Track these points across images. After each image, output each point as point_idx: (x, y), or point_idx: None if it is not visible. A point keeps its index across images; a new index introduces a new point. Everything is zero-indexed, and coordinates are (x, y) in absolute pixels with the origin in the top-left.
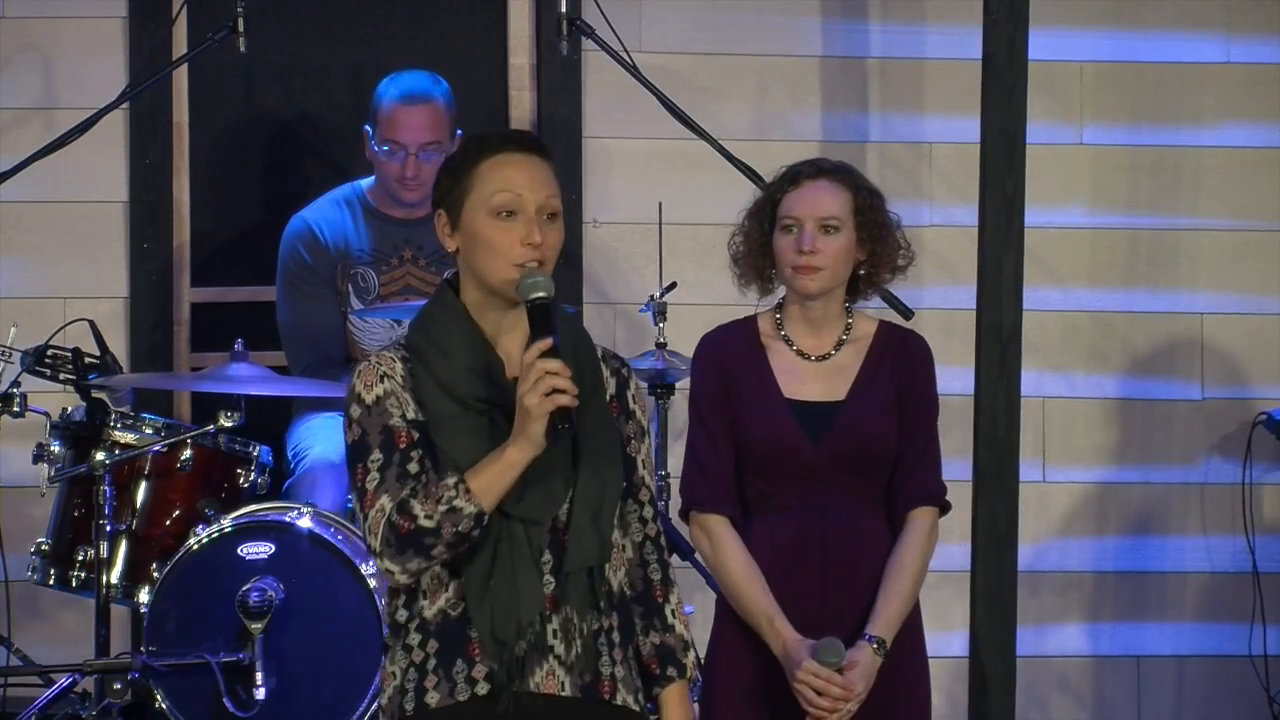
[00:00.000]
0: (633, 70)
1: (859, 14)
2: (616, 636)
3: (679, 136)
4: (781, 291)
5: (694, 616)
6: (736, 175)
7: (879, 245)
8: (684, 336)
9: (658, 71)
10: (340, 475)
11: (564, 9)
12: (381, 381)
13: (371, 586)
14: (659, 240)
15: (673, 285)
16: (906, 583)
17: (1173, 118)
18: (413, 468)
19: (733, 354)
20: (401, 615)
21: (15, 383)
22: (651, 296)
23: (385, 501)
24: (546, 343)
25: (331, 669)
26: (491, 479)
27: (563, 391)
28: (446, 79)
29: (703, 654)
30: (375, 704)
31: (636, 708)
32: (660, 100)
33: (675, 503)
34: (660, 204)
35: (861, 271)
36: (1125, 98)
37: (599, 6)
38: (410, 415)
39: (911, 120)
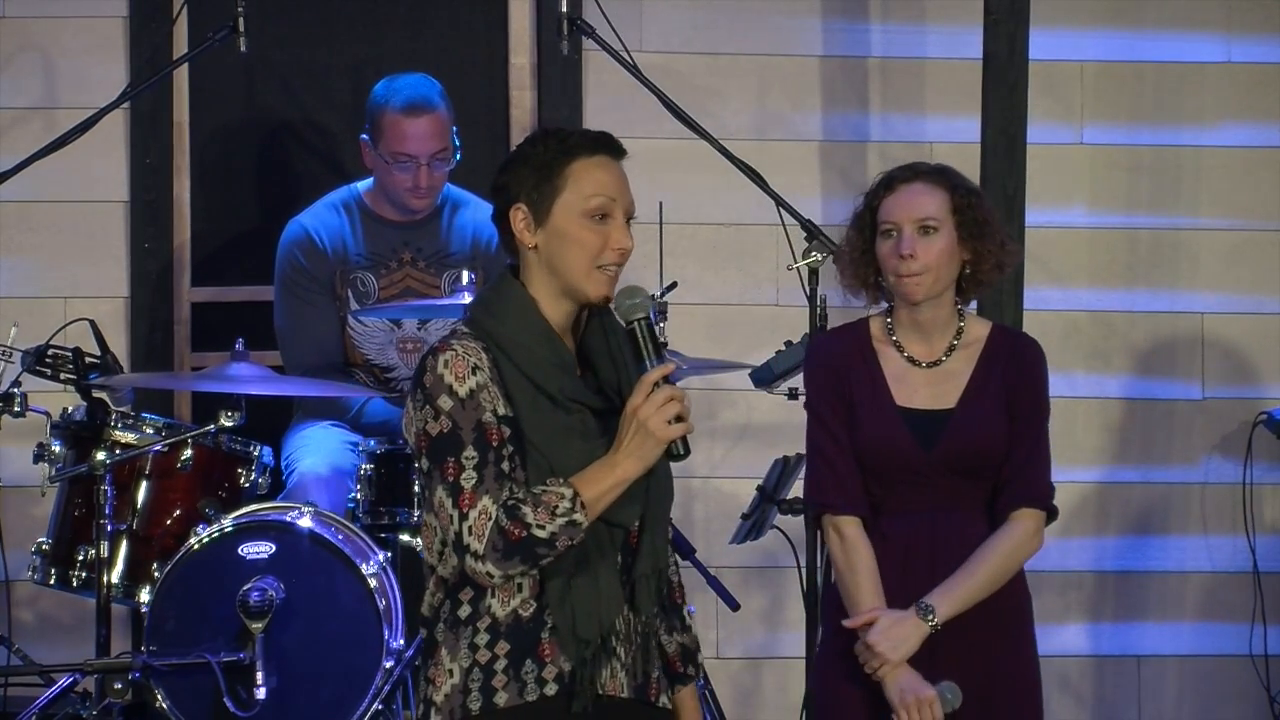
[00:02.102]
0: (633, 70)
1: (859, 14)
2: (654, 640)
3: (679, 136)
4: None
5: (696, 616)
6: (737, 175)
7: (981, 244)
8: (685, 336)
9: (658, 71)
10: (329, 486)
11: (564, 9)
12: (474, 374)
13: (372, 586)
14: (659, 240)
15: (673, 285)
16: (983, 569)
17: (1173, 117)
18: (506, 466)
19: (845, 359)
20: (464, 611)
21: (16, 382)
22: (652, 296)
23: (488, 503)
24: (669, 367)
25: (332, 668)
26: (604, 493)
27: (682, 419)
28: (447, 79)
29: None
30: (376, 703)
31: (670, 707)
32: (661, 100)
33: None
34: (660, 203)
35: (967, 271)
36: (1125, 97)
37: (599, 6)
38: (500, 410)
39: (912, 120)
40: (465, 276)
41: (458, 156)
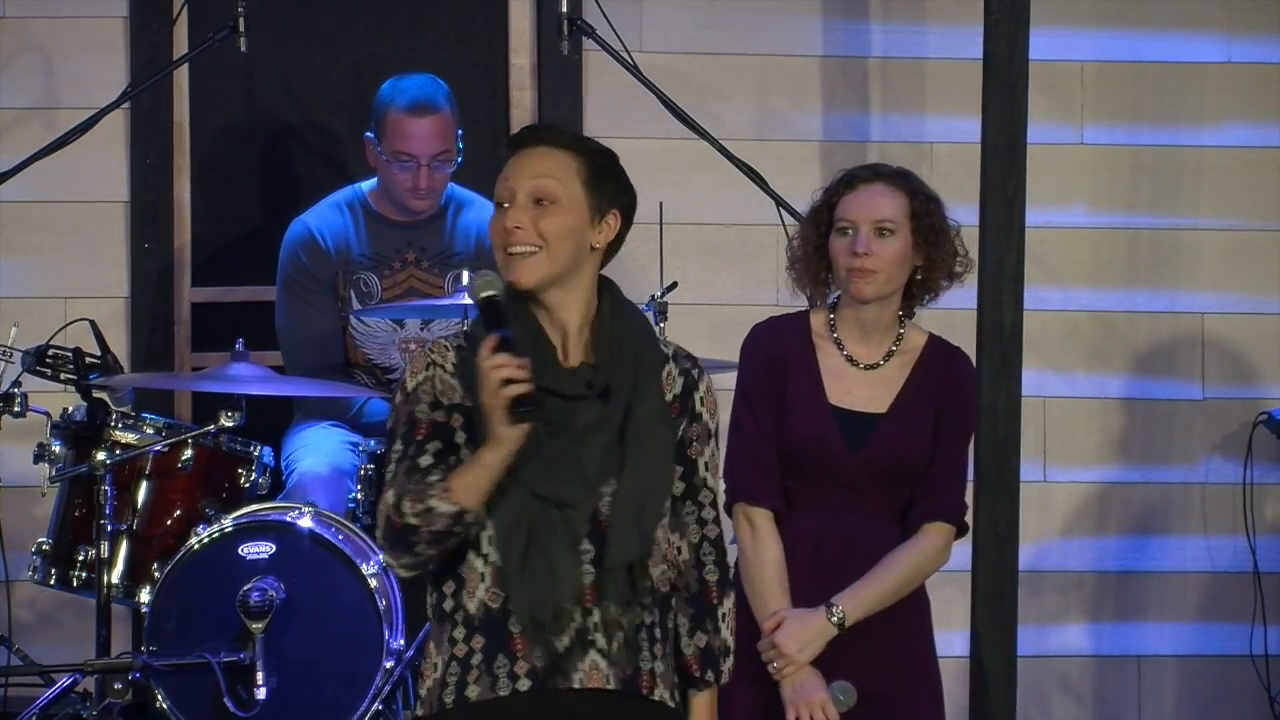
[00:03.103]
0: (633, 70)
1: (860, 14)
2: (658, 633)
3: (680, 136)
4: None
5: None
6: (737, 175)
7: (935, 250)
8: (685, 336)
9: (658, 71)
10: (328, 487)
11: (565, 9)
12: (426, 369)
13: (372, 586)
14: (660, 240)
15: (673, 285)
16: (892, 576)
17: (1174, 117)
18: (425, 460)
19: (784, 349)
20: (448, 605)
21: (16, 383)
22: (652, 296)
23: (389, 495)
24: (490, 340)
25: (332, 669)
26: (470, 479)
27: (514, 380)
28: (447, 79)
29: None
30: (376, 703)
31: (673, 704)
32: (661, 100)
33: None
34: (661, 204)
35: (918, 277)
36: (1126, 97)
37: (600, 6)
38: (457, 400)
39: (912, 120)
40: (465, 276)
41: (459, 160)
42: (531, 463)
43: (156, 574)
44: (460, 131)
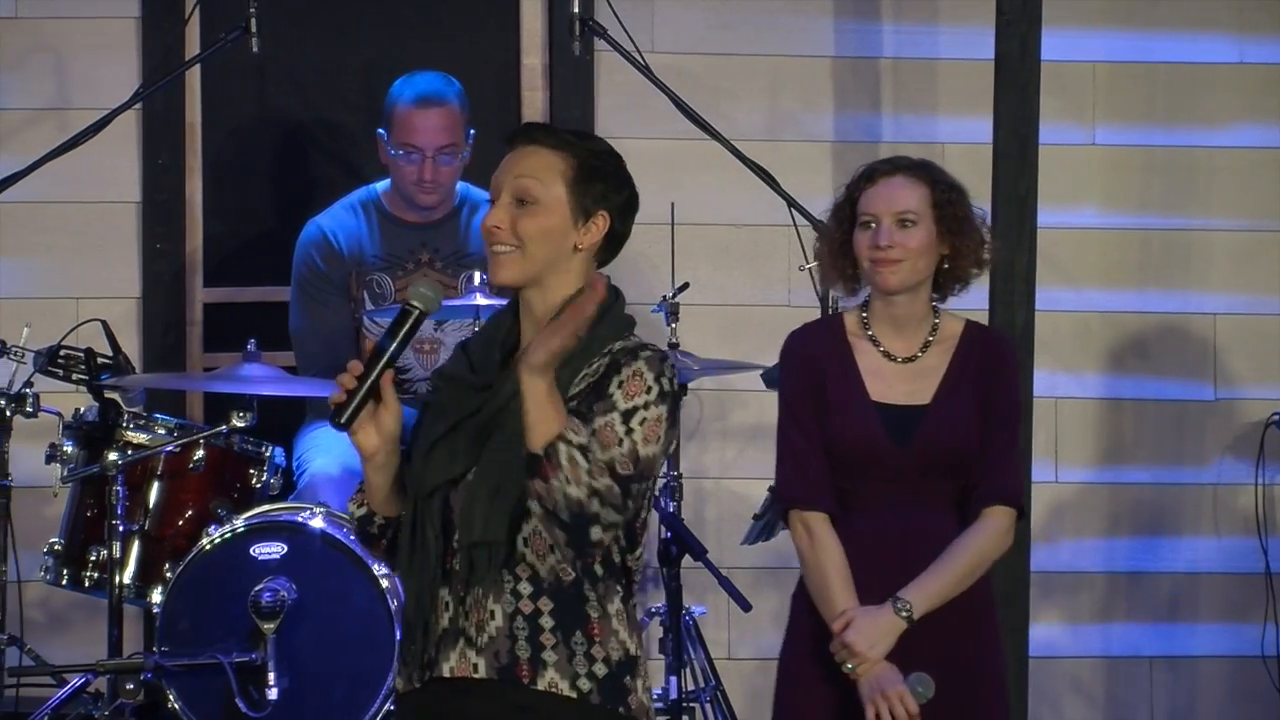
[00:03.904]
0: (645, 70)
1: (871, 14)
2: (547, 621)
3: (691, 137)
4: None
5: (705, 617)
6: (749, 175)
7: (960, 239)
8: (697, 336)
9: (670, 72)
10: (341, 487)
11: (576, 9)
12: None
13: (384, 587)
14: (671, 240)
15: (685, 285)
16: (957, 565)
17: (1185, 118)
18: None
19: (821, 353)
20: None
21: (28, 383)
22: (664, 297)
23: None
24: (369, 343)
25: (344, 669)
26: (367, 482)
27: (341, 388)
28: (459, 79)
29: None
30: (388, 704)
31: (572, 693)
32: (672, 100)
33: (687, 504)
34: (673, 204)
35: (945, 266)
36: (1137, 98)
37: (611, 7)
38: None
39: (924, 120)
40: (477, 277)
41: (465, 154)
42: (419, 455)
43: (168, 574)
44: (472, 132)
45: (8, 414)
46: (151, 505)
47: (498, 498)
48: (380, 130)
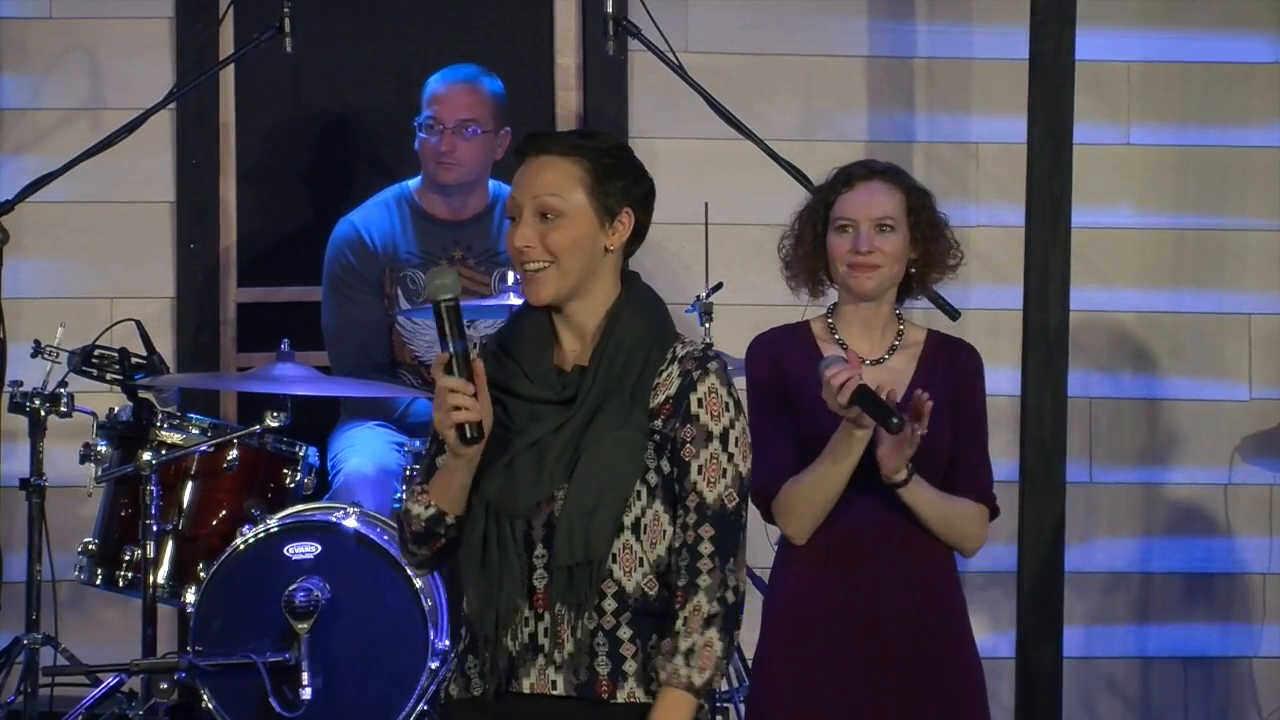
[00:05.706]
0: (679, 70)
1: (905, 14)
2: (625, 634)
3: (725, 137)
4: (831, 297)
5: None
6: (783, 176)
7: (931, 245)
8: (731, 337)
9: (704, 71)
10: (375, 487)
11: (610, 9)
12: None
13: (417, 587)
14: (705, 240)
15: (719, 286)
16: (946, 502)
17: (1220, 118)
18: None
19: (787, 354)
20: (463, 604)
21: (62, 383)
22: (698, 297)
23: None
24: (443, 357)
25: (377, 669)
26: (440, 482)
27: (463, 408)
28: None
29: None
30: (421, 704)
31: (650, 700)
32: (706, 100)
33: None
34: (706, 204)
35: (913, 270)
36: (1172, 98)
37: (645, 6)
38: None
39: (958, 120)
40: (510, 277)
41: (492, 138)
42: (491, 469)
43: (202, 574)
44: (507, 129)
45: (42, 414)
46: (185, 505)
47: (596, 516)
48: (415, 121)
